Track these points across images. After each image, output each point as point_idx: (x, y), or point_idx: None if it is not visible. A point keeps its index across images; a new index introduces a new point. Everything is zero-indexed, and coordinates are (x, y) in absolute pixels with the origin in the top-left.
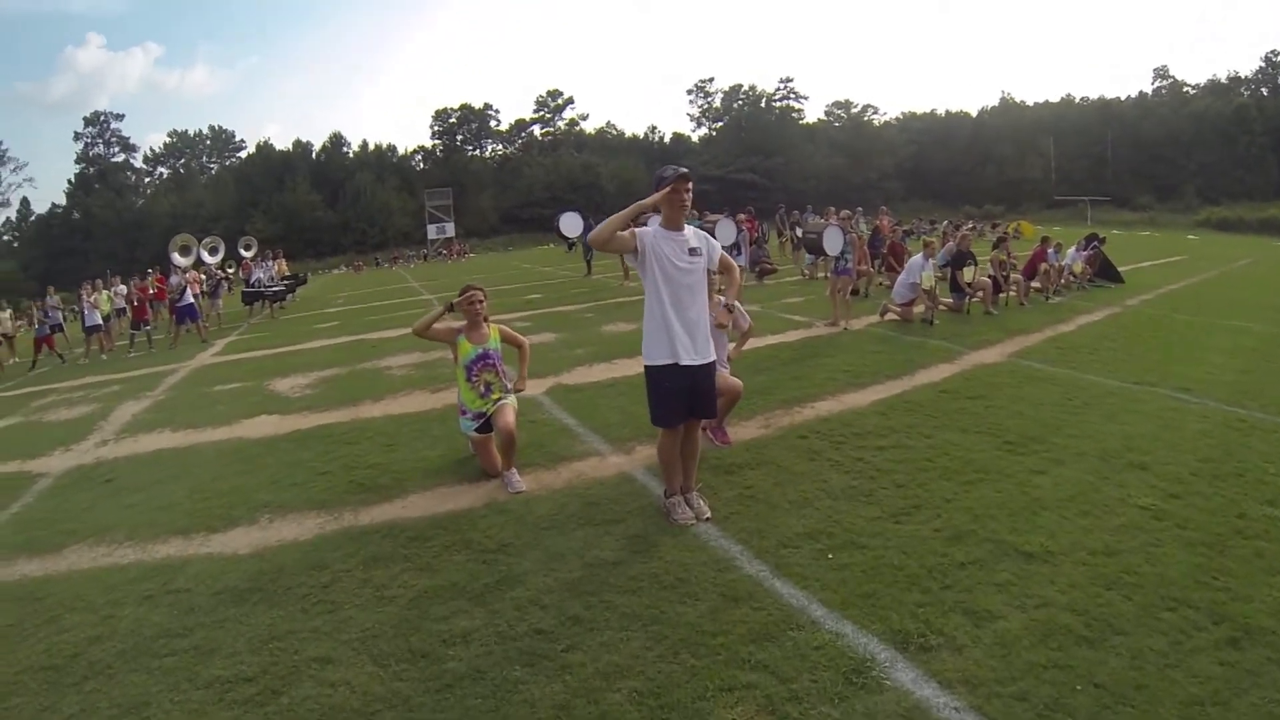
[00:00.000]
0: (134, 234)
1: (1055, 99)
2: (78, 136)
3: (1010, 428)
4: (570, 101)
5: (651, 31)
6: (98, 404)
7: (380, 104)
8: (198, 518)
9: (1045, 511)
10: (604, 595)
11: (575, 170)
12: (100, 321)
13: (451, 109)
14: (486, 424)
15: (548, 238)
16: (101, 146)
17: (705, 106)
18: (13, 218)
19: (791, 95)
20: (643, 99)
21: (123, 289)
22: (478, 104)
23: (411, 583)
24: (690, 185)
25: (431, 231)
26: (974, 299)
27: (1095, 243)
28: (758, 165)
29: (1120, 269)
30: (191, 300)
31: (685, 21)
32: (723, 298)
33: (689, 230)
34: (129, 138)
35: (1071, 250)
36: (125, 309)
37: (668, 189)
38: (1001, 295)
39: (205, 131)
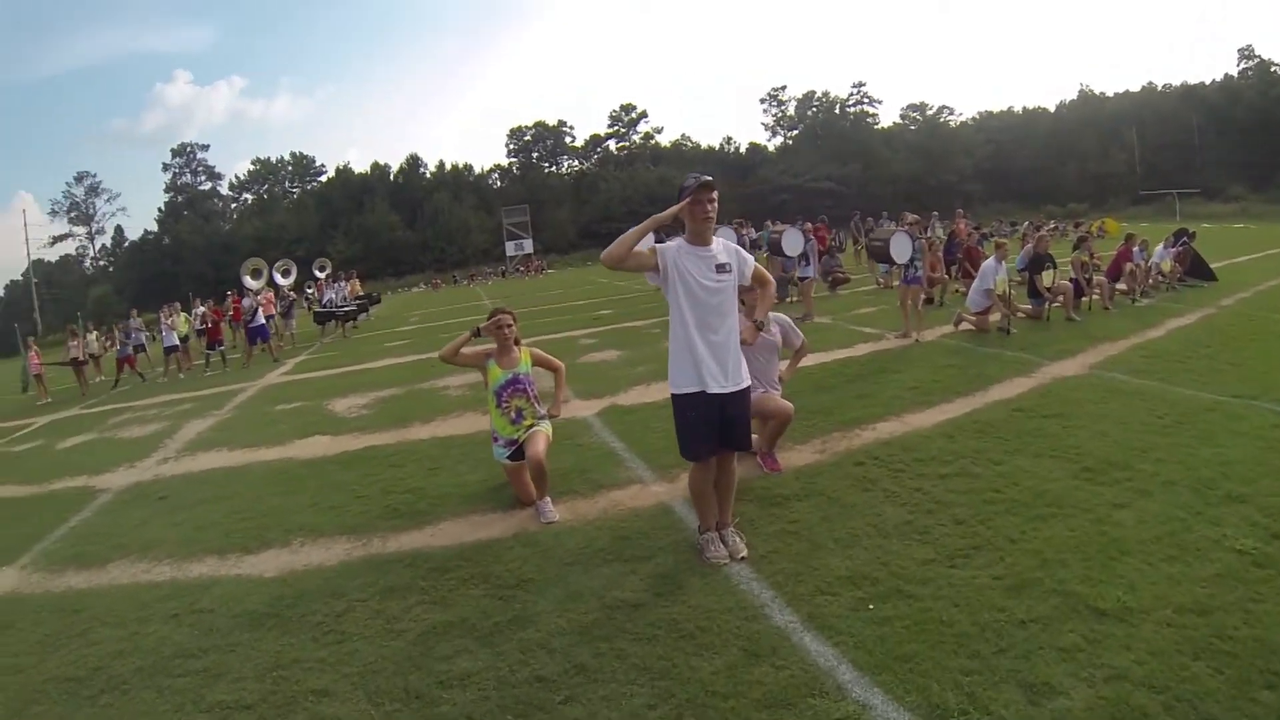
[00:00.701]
0: (221, 257)
1: (1136, 88)
2: (166, 167)
3: (1090, 451)
4: (644, 115)
5: (722, 41)
6: (167, 422)
7: (456, 125)
8: (235, 538)
9: (1125, 556)
10: (616, 642)
11: (651, 183)
12: (177, 342)
13: (526, 127)
14: (519, 451)
15: None
16: (189, 175)
17: (779, 115)
18: (108, 244)
19: (865, 100)
20: (717, 110)
21: (201, 310)
22: (552, 121)
23: (423, 616)
24: (715, 194)
25: (510, 248)
26: (1054, 304)
27: (1185, 238)
28: (834, 173)
29: (1213, 265)
30: (263, 321)
31: (755, 30)
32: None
33: (718, 244)
34: (214, 166)
35: (1159, 248)
36: (203, 330)
37: (688, 200)
38: (1084, 299)
39: (287, 158)
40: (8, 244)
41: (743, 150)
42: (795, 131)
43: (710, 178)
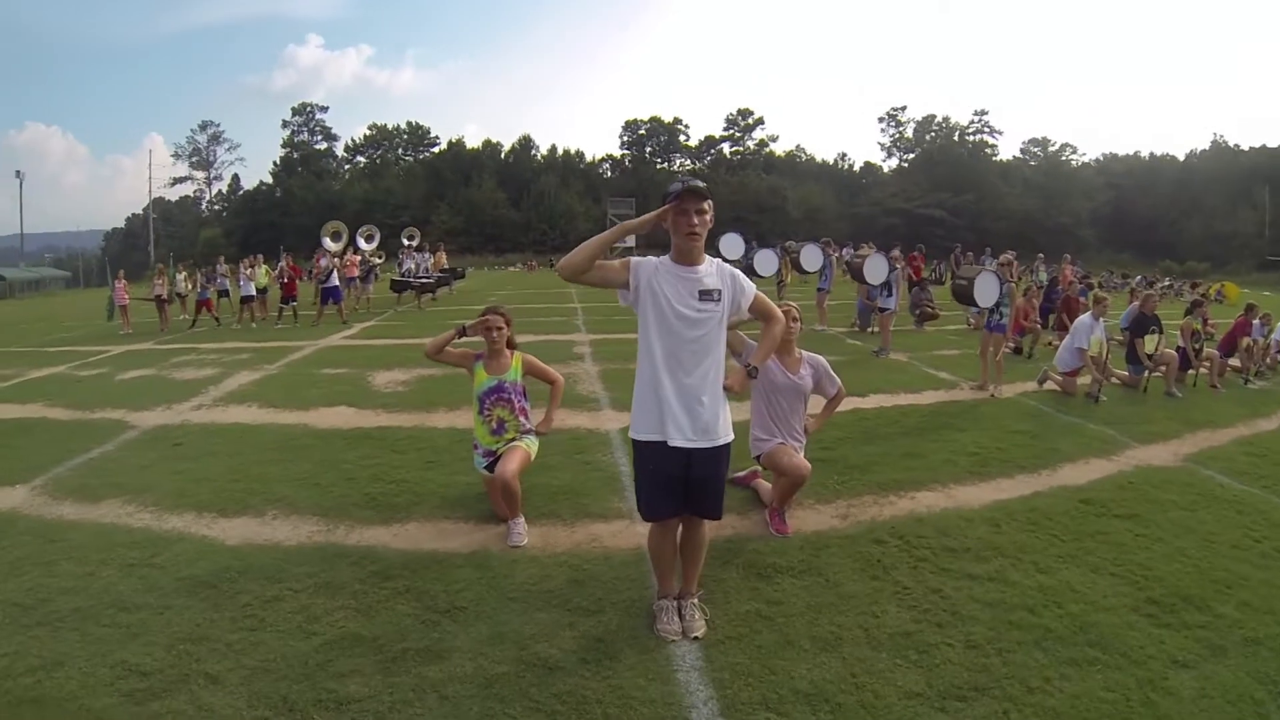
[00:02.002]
0: (327, 214)
1: (1274, 144)
2: (285, 124)
3: (1161, 575)
4: (760, 122)
5: (847, 54)
6: (220, 369)
7: (572, 112)
8: (219, 498)
9: None
10: (513, 706)
11: (762, 192)
12: (254, 293)
13: (642, 121)
14: (496, 463)
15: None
16: (306, 134)
17: (896, 136)
18: (223, 190)
19: (986, 129)
20: (834, 124)
21: (281, 264)
22: (668, 117)
23: (342, 623)
24: (705, 205)
25: None
26: (1155, 374)
27: None
28: (946, 201)
29: None
30: (336, 283)
31: (881, 45)
32: (750, 360)
33: (710, 266)
34: (331, 128)
35: None
36: (282, 283)
37: (671, 206)
38: (1190, 373)
39: (403, 126)
40: (135, 179)
41: (856, 168)
42: (911, 155)
43: (701, 184)
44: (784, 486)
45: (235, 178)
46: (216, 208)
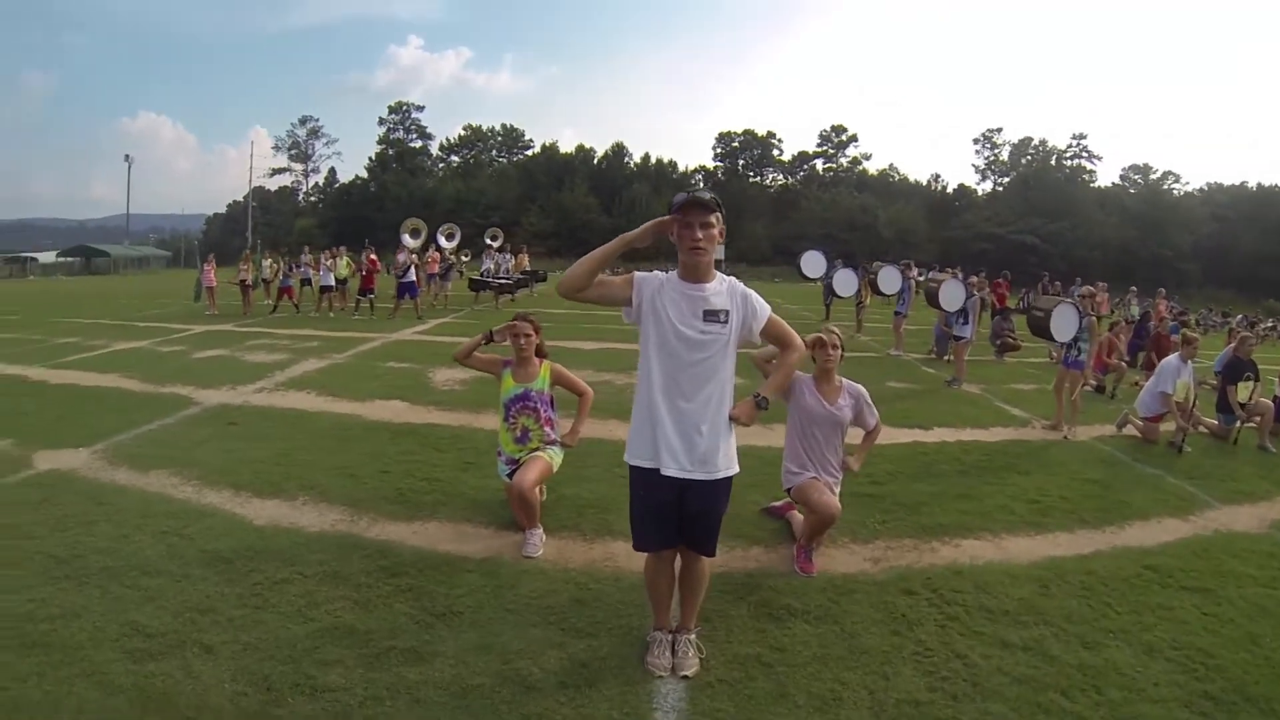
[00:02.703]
0: (419, 210)
1: None
2: (381, 121)
3: (1225, 665)
4: (854, 139)
5: (942, 73)
6: (291, 355)
7: (666, 121)
8: (258, 478)
9: None
10: None
11: (853, 210)
12: (333, 283)
13: (735, 133)
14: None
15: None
16: (401, 132)
17: (991, 158)
18: (320, 182)
19: (1084, 154)
20: (928, 144)
21: (360, 257)
22: (762, 131)
23: (339, 613)
24: (711, 219)
25: None
26: (1248, 425)
27: None
28: (1040, 228)
29: None
30: (413, 279)
31: (977, 64)
32: (765, 391)
33: (718, 284)
34: (426, 127)
35: None
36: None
37: (669, 219)
38: None
39: (498, 128)
40: (238, 168)
41: (949, 190)
42: (1006, 178)
43: (707, 195)
44: (812, 524)
45: (332, 171)
46: (313, 199)
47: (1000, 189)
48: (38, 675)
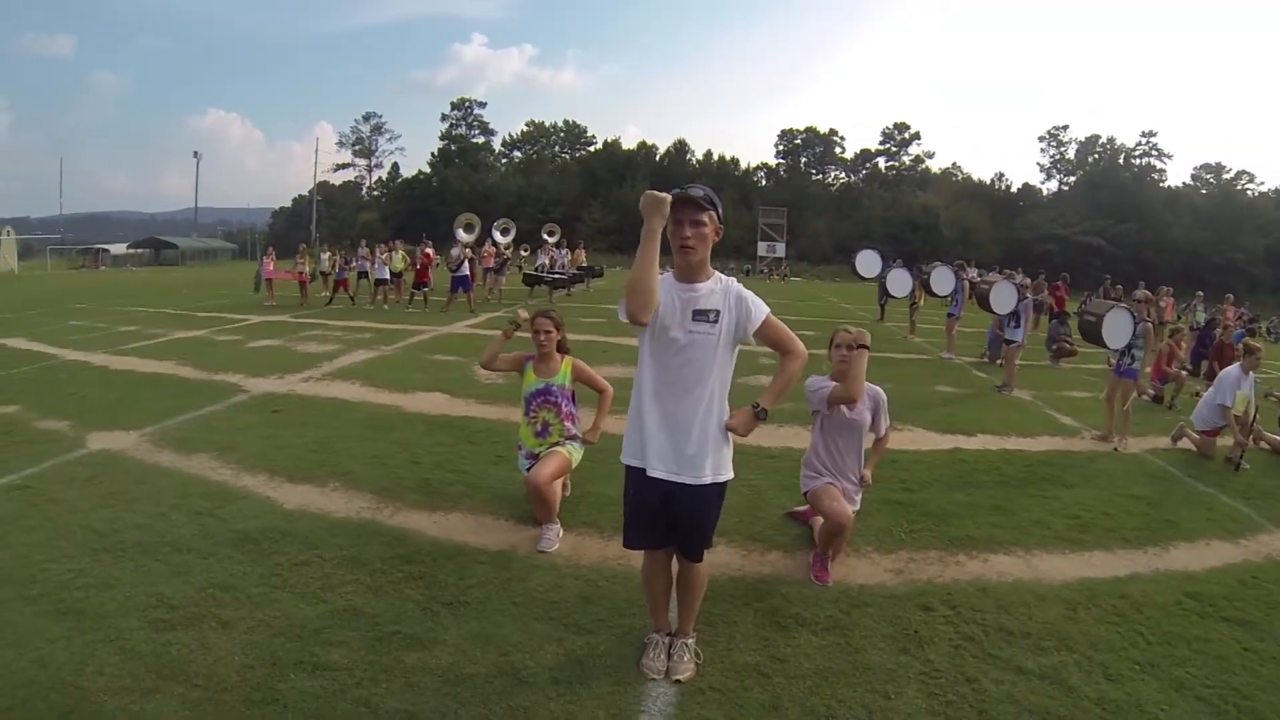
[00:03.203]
0: (481, 206)
1: None
2: (444, 117)
3: (1261, 709)
4: (917, 137)
5: (1007, 68)
6: (341, 346)
7: (728, 119)
8: (293, 464)
9: None
10: (466, 709)
11: (915, 210)
12: (388, 276)
13: (797, 130)
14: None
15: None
16: (463, 128)
17: (1057, 157)
18: (383, 177)
19: (1153, 152)
20: (993, 142)
21: (415, 250)
22: (824, 128)
23: (351, 596)
24: (703, 218)
25: (762, 249)
26: None
27: None
28: (1107, 229)
29: None
30: (466, 273)
31: (1043, 59)
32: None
33: (713, 283)
34: (489, 123)
35: None
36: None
37: (656, 195)
38: None
39: (560, 124)
40: (303, 164)
41: (1014, 189)
42: (1072, 178)
43: (698, 192)
44: (824, 531)
45: (395, 166)
46: (376, 193)
47: (1066, 188)
48: (66, 639)
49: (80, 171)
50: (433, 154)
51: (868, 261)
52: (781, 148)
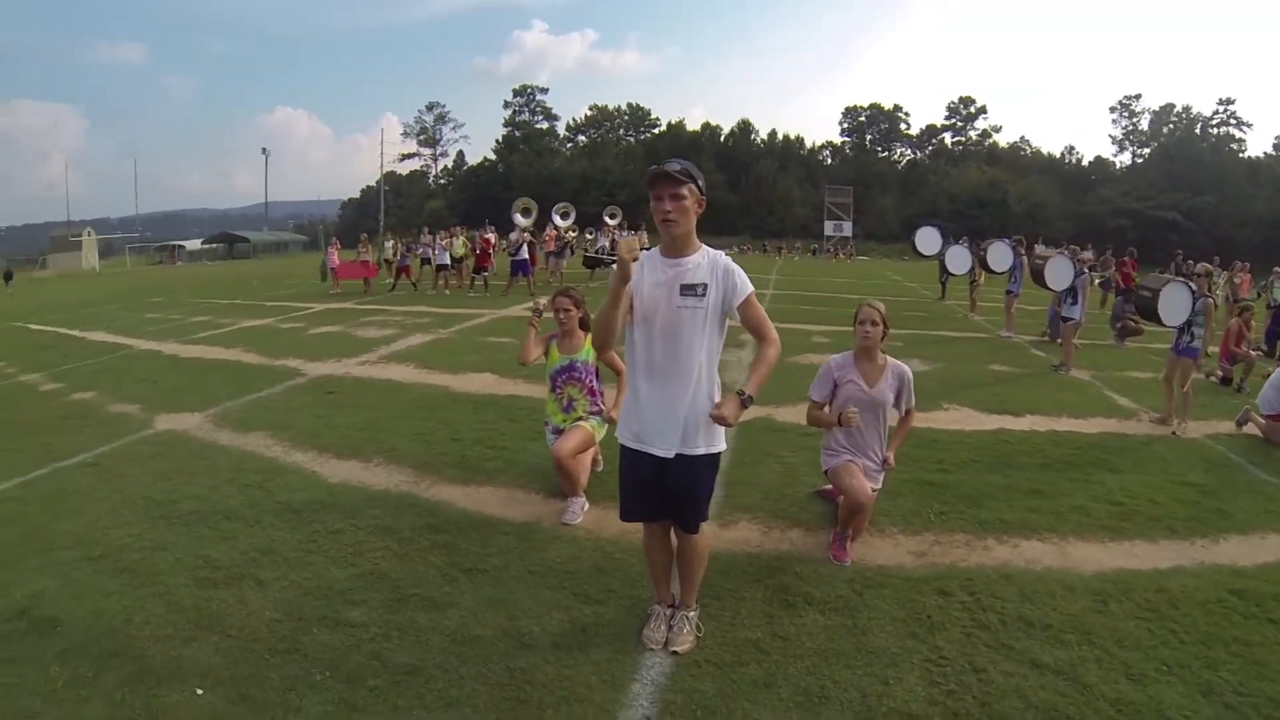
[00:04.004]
0: (547, 190)
1: None
2: (506, 104)
3: None
4: (983, 111)
5: (1076, 36)
6: (399, 330)
7: (792, 97)
8: (341, 441)
9: None
10: (468, 668)
11: (982, 186)
12: (448, 262)
13: (861, 108)
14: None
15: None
16: (526, 114)
17: (1130, 128)
18: (449, 165)
19: (1232, 121)
20: (1062, 115)
21: (475, 235)
22: (888, 104)
23: (378, 561)
24: (682, 190)
25: (828, 228)
26: None
27: None
28: (1183, 203)
29: None
30: (526, 256)
31: (1113, 25)
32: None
33: (699, 257)
34: (551, 108)
35: None
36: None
37: (626, 269)
38: None
39: (623, 107)
40: (371, 155)
41: (1085, 163)
42: (1146, 149)
43: (674, 166)
44: (844, 509)
45: (460, 154)
46: (442, 181)
47: (1140, 161)
48: (120, 593)
49: (155, 173)
50: (497, 141)
51: (927, 238)
52: (846, 125)
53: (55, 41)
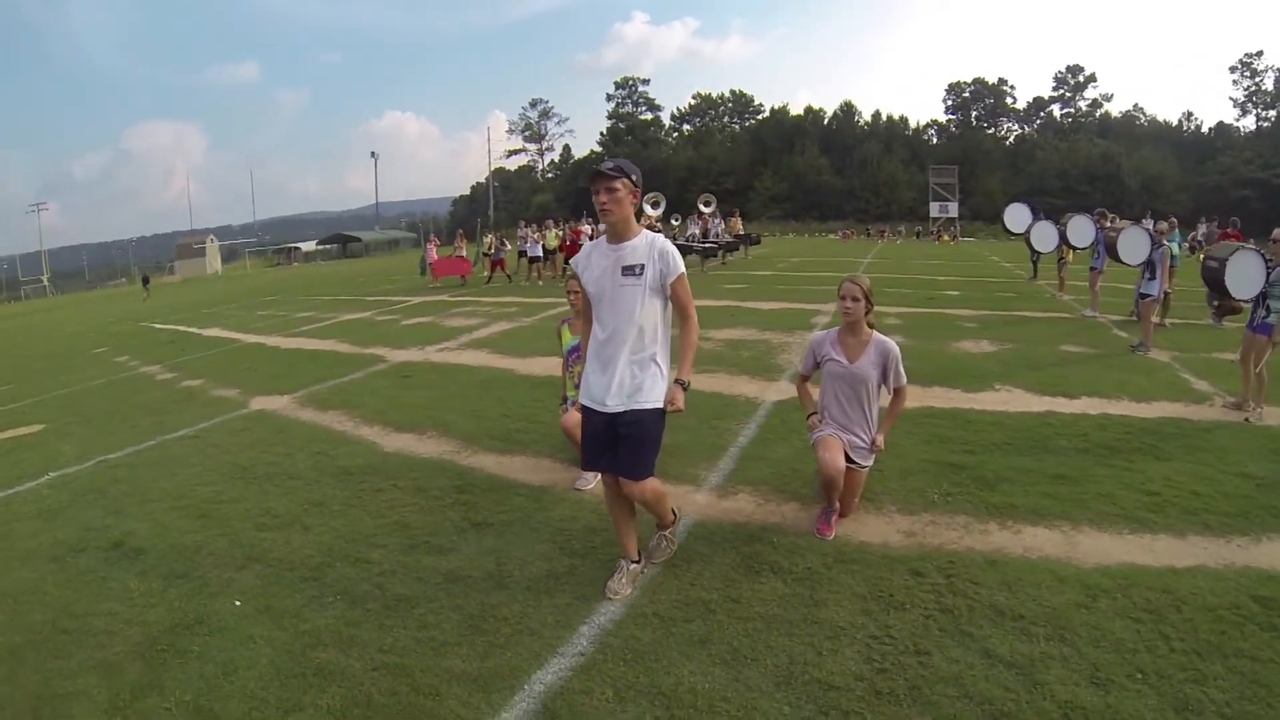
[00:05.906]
0: (652, 180)
1: None
2: (609, 97)
3: None
4: (1092, 79)
5: None
6: (484, 319)
7: (895, 76)
8: (403, 417)
9: None
10: (446, 595)
11: (1093, 159)
12: (540, 254)
13: (965, 83)
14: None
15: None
16: (629, 106)
17: (1252, 89)
18: (555, 159)
19: None
20: (1179, 78)
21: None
22: (992, 78)
23: (405, 515)
24: (615, 184)
25: (934, 209)
26: None
27: None
28: None
29: None
30: None
31: None
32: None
33: (639, 240)
34: (655, 99)
35: None
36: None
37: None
38: None
39: (727, 95)
40: (479, 153)
41: (1205, 130)
42: (1272, 111)
43: (608, 166)
44: (820, 483)
45: (566, 148)
46: (549, 175)
47: (1265, 125)
48: (194, 532)
49: (271, 180)
50: (602, 133)
51: (1016, 215)
52: (950, 102)
53: (176, 67)
